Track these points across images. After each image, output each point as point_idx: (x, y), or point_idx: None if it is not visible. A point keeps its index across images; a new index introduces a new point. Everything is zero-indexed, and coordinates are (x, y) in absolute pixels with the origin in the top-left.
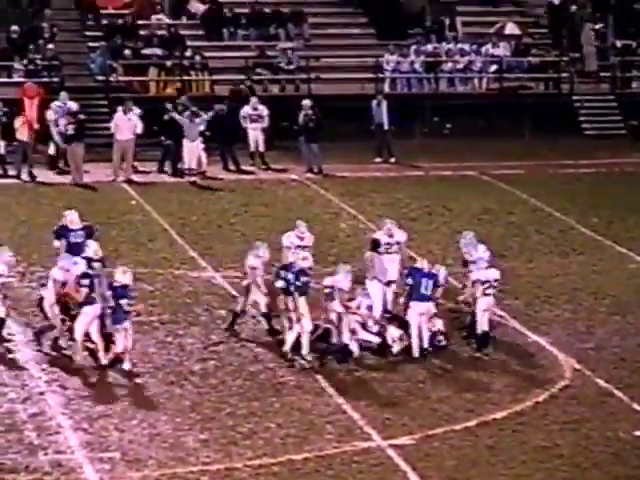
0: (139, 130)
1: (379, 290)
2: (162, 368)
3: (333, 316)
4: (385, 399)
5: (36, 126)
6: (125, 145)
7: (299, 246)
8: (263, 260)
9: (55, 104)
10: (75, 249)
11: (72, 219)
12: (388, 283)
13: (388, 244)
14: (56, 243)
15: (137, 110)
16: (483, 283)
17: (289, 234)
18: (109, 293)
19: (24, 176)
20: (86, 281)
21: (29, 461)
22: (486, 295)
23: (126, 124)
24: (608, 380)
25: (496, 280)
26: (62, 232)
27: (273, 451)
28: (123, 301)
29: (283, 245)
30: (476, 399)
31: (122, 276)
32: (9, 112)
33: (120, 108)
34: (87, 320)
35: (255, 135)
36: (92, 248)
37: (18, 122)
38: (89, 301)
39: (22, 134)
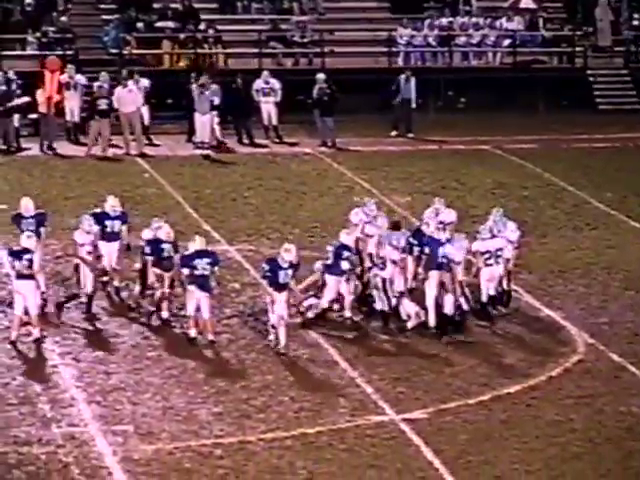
0: (140, 102)
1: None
2: (175, 341)
3: (448, 285)
4: (398, 373)
5: (57, 97)
6: (130, 117)
7: (367, 222)
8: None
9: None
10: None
11: (26, 206)
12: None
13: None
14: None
15: (144, 82)
16: (483, 254)
17: (357, 211)
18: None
19: (44, 148)
20: (28, 256)
21: (42, 434)
22: (488, 265)
23: (127, 96)
24: (621, 355)
25: (499, 249)
26: (17, 219)
27: (286, 425)
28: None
29: (351, 222)
30: (490, 373)
31: (198, 243)
32: (23, 85)
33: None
34: (21, 297)
35: (267, 109)
36: (164, 230)
37: (40, 95)
38: (24, 276)
39: (42, 107)
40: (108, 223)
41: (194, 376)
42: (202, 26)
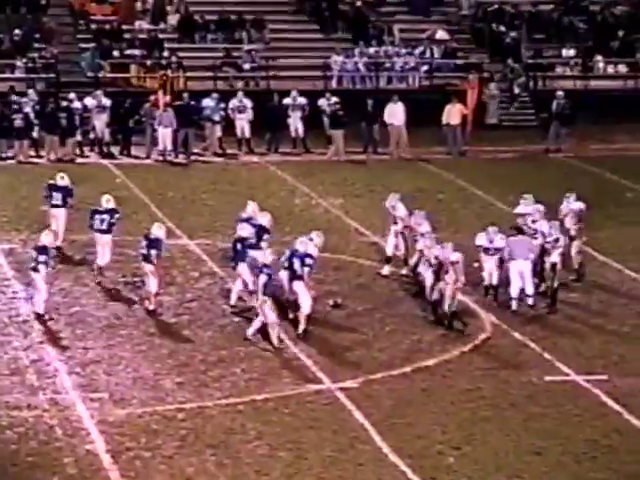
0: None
1: None
2: (144, 321)
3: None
4: (334, 349)
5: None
6: None
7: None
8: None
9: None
10: None
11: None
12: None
13: (487, 249)
14: None
15: None
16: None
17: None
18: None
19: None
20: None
21: (30, 400)
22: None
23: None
24: (523, 333)
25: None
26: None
27: (238, 392)
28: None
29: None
30: (411, 349)
31: (156, 230)
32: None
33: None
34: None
35: (241, 124)
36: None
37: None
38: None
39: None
40: (98, 217)
41: (160, 351)
42: (166, 53)
